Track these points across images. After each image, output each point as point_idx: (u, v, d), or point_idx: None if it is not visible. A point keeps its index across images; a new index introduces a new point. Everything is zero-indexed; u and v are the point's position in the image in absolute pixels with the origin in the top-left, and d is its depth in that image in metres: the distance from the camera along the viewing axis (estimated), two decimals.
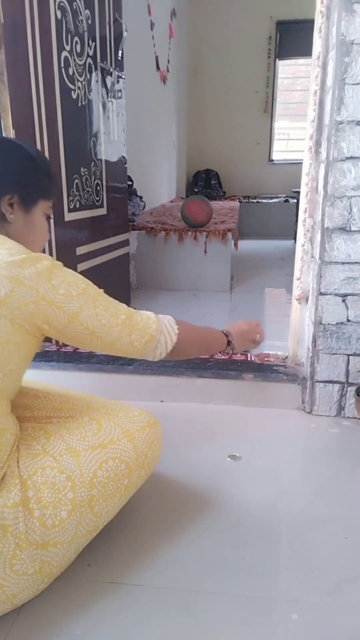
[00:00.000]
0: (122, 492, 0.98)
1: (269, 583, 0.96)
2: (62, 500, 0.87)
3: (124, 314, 0.94)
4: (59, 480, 0.88)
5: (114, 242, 2.44)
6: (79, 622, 0.87)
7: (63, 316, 0.87)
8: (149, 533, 1.09)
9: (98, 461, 0.94)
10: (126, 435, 1.01)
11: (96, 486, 0.92)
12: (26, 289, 0.82)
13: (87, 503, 0.90)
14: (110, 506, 0.96)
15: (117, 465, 0.96)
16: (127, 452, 0.99)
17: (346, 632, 0.85)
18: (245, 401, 1.65)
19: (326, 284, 1.47)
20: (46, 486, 0.86)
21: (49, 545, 0.85)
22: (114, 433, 0.99)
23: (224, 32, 6.22)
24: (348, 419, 1.57)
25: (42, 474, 0.87)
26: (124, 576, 0.97)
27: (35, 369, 1.67)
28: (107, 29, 2.18)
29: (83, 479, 0.90)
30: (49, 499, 0.85)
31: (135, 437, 1.02)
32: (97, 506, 0.92)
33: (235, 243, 3.23)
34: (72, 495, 0.88)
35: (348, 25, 1.30)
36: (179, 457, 1.36)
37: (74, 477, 0.89)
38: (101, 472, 0.93)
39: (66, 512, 0.87)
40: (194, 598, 0.92)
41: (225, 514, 1.14)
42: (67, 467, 0.90)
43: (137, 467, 1.01)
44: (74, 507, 0.88)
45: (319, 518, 1.13)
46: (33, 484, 0.86)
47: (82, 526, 0.90)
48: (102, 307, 0.92)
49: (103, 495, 0.93)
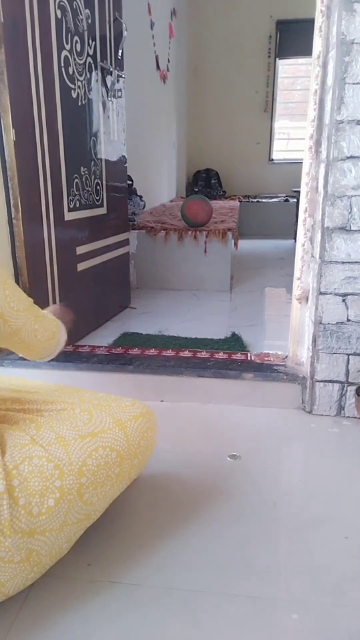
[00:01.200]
0: (113, 480, 0.98)
1: (269, 583, 0.96)
2: (49, 489, 0.87)
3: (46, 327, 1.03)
4: (46, 469, 0.88)
5: (114, 241, 2.44)
6: (79, 621, 0.87)
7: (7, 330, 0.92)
8: (148, 533, 1.09)
9: (88, 450, 0.94)
10: (118, 424, 1.01)
11: (85, 474, 0.92)
12: None
13: (76, 491, 0.90)
14: (101, 494, 0.96)
15: (108, 453, 0.97)
16: (119, 441, 0.99)
17: (346, 632, 0.85)
18: (245, 401, 1.65)
19: (326, 283, 1.47)
20: (33, 475, 0.87)
21: (35, 533, 0.85)
22: (105, 422, 1.00)
23: (224, 32, 6.21)
24: (348, 418, 1.57)
25: (30, 463, 0.88)
26: (124, 575, 0.97)
27: (35, 368, 1.67)
28: (107, 28, 2.17)
29: (72, 467, 0.91)
30: (35, 487, 0.86)
31: (127, 426, 1.02)
32: (87, 494, 0.92)
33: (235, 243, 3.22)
34: (60, 483, 0.88)
35: (348, 24, 1.30)
36: (179, 457, 1.36)
37: (62, 465, 0.90)
38: (91, 461, 0.93)
39: (53, 500, 0.87)
40: (194, 598, 0.92)
41: (225, 514, 1.14)
42: (56, 455, 0.91)
43: (129, 456, 1.01)
44: (62, 495, 0.88)
45: (319, 518, 1.13)
46: (19, 473, 0.86)
47: (71, 514, 0.90)
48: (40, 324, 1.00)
49: (93, 484, 0.93)
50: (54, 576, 0.95)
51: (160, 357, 1.75)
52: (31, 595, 0.91)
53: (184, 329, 2.26)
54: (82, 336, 2.15)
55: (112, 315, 2.51)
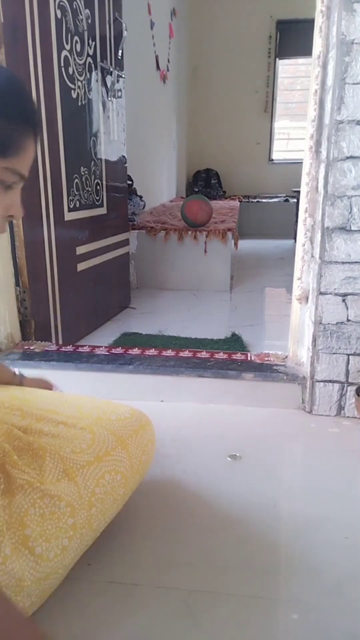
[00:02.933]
0: (118, 502, 0.97)
1: (269, 583, 0.96)
2: (62, 529, 0.83)
3: None
4: (58, 509, 0.83)
5: (114, 241, 2.44)
6: (79, 622, 0.87)
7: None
8: (148, 533, 1.09)
9: (95, 477, 0.91)
10: (120, 443, 0.99)
11: (95, 504, 0.89)
12: None
13: (87, 523, 0.88)
14: (107, 518, 0.94)
15: (113, 477, 0.94)
16: (122, 462, 0.97)
17: (346, 632, 0.85)
18: (245, 401, 1.65)
19: (326, 283, 1.47)
20: (44, 518, 0.81)
21: (51, 575, 0.82)
22: (108, 442, 0.97)
23: (224, 32, 6.22)
24: (348, 418, 1.57)
25: (40, 505, 0.82)
26: (124, 576, 0.97)
27: (35, 368, 1.67)
28: (107, 28, 2.18)
29: (82, 500, 0.87)
30: (49, 531, 0.81)
31: (128, 444, 1.00)
32: (96, 522, 0.90)
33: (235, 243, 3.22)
34: (73, 521, 0.85)
35: (348, 24, 1.30)
36: (179, 457, 1.36)
37: (73, 502, 0.86)
38: (99, 489, 0.91)
39: (67, 539, 0.83)
40: (194, 598, 0.92)
41: (225, 514, 1.14)
42: (66, 492, 0.86)
43: (132, 474, 1.00)
44: (75, 532, 0.85)
45: (319, 518, 1.13)
46: (30, 520, 0.80)
47: (82, 545, 0.89)
48: None
49: (101, 511, 0.91)
50: None
51: (160, 357, 1.75)
52: None
53: (184, 329, 2.26)
54: (82, 336, 2.15)
55: (112, 315, 2.51)
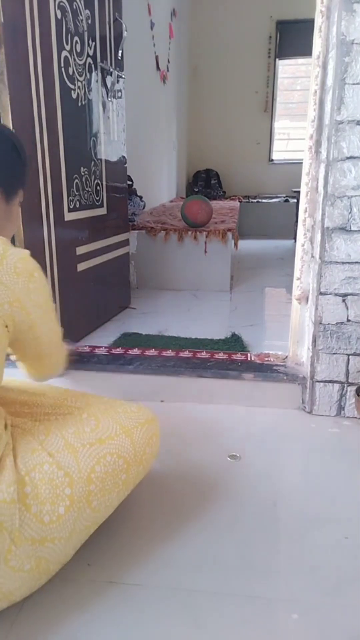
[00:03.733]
0: (120, 487, 0.98)
1: (269, 583, 0.96)
2: (59, 496, 0.87)
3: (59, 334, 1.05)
4: (56, 477, 0.88)
5: (114, 241, 2.44)
6: (79, 622, 0.87)
7: (27, 322, 0.90)
8: (149, 533, 1.09)
9: (96, 457, 0.94)
10: (124, 432, 1.01)
11: (94, 481, 0.92)
12: (3, 289, 0.84)
13: (85, 498, 0.90)
14: (108, 501, 0.96)
15: (115, 460, 0.97)
16: (125, 448, 1.00)
17: (346, 632, 0.85)
18: (245, 401, 1.65)
19: (326, 283, 1.47)
20: (44, 482, 0.86)
21: (46, 541, 0.84)
22: (112, 429, 1.00)
23: (224, 32, 6.22)
24: (348, 418, 1.57)
25: (40, 470, 0.87)
26: (124, 576, 0.97)
27: None
28: (107, 28, 2.18)
29: (81, 474, 0.91)
30: (46, 495, 0.86)
31: (133, 433, 1.03)
32: (95, 501, 0.92)
33: (235, 243, 3.22)
34: (70, 491, 0.88)
35: (348, 24, 1.30)
36: (179, 457, 1.36)
37: (72, 473, 0.90)
38: (99, 468, 0.93)
39: (64, 508, 0.87)
40: (194, 598, 0.92)
41: (225, 514, 1.14)
42: (65, 463, 0.90)
43: (135, 463, 1.01)
44: (72, 503, 0.88)
45: (319, 518, 1.13)
46: (31, 480, 0.86)
47: (80, 522, 0.90)
48: (52, 324, 1.00)
49: (101, 491, 0.93)
50: (54, 576, 0.95)
51: (160, 357, 1.75)
52: (31, 596, 0.91)
53: (184, 329, 2.26)
54: (82, 336, 2.15)
55: (112, 316, 2.51)
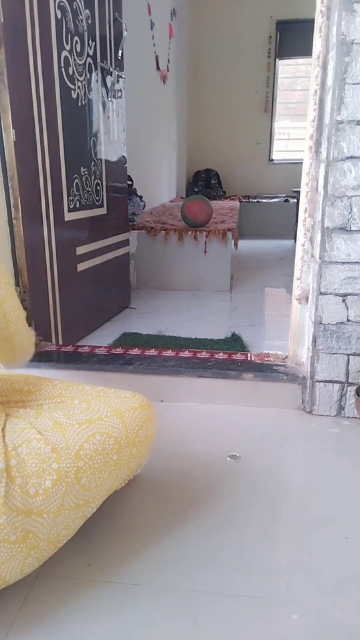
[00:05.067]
0: (111, 467, 0.99)
1: (269, 583, 0.96)
2: (46, 470, 0.88)
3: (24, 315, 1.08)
4: (44, 452, 0.90)
5: (114, 241, 2.44)
6: (79, 622, 0.87)
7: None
8: (149, 533, 1.09)
9: (85, 435, 0.96)
10: (115, 413, 1.03)
11: (82, 458, 0.93)
12: None
13: (74, 474, 0.91)
14: (99, 480, 0.96)
15: (105, 439, 0.98)
16: (116, 428, 1.01)
17: (346, 632, 0.85)
18: (245, 401, 1.65)
19: (326, 283, 1.47)
20: (31, 457, 0.88)
21: (32, 514, 0.85)
22: (102, 411, 1.02)
23: (224, 32, 6.22)
24: (348, 418, 1.57)
25: (28, 446, 0.89)
26: (124, 576, 0.97)
27: (35, 368, 1.67)
28: (107, 28, 2.18)
29: (69, 450, 0.92)
30: (32, 468, 0.87)
31: (125, 415, 1.04)
32: (85, 478, 0.93)
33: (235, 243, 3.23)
34: (57, 466, 0.89)
35: (348, 24, 1.30)
36: (179, 457, 1.36)
37: (59, 448, 0.91)
38: (88, 445, 0.95)
39: (51, 482, 0.88)
40: (194, 598, 0.92)
41: (225, 514, 1.14)
42: (53, 439, 0.92)
43: (127, 444, 1.02)
44: (59, 477, 0.89)
45: (319, 518, 1.13)
46: (17, 454, 0.88)
47: (69, 498, 0.90)
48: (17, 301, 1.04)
49: (90, 468, 0.94)
50: (54, 576, 0.95)
51: (160, 357, 1.75)
52: (31, 595, 0.91)
53: (184, 329, 2.26)
54: (82, 336, 2.15)
55: (112, 316, 2.51)
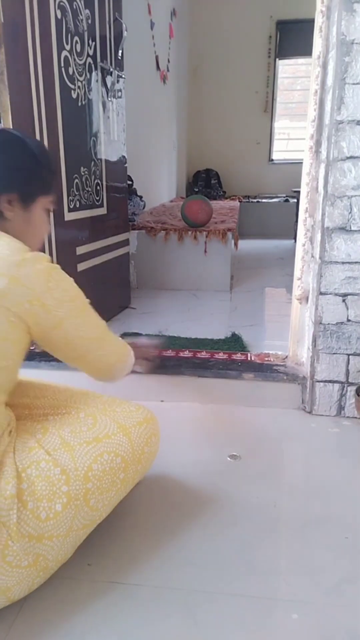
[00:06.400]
0: (118, 486, 0.98)
1: (269, 583, 0.96)
2: (56, 493, 0.87)
3: (100, 328, 1.01)
4: (53, 474, 0.88)
5: (114, 241, 2.44)
6: (79, 622, 0.87)
7: (50, 320, 0.89)
8: (149, 533, 1.09)
9: (93, 455, 0.94)
10: (122, 430, 1.01)
11: (91, 479, 0.92)
12: (23, 289, 0.84)
13: (83, 496, 0.90)
14: (106, 499, 0.96)
15: (113, 459, 0.96)
16: (123, 446, 0.99)
17: (346, 632, 0.85)
18: (245, 401, 1.65)
19: (326, 283, 1.47)
20: (40, 479, 0.87)
21: (43, 538, 0.85)
22: (109, 427, 1.00)
23: (224, 32, 6.21)
24: (348, 418, 1.57)
25: (37, 467, 0.88)
26: (124, 576, 0.97)
27: (35, 368, 1.67)
28: (107, 28, 2.17)
29: (77, 472, 0.91)
30: (43, 491, 0.86)
31: (131, 432, 1.02)
32: (93, 499, 0.92)
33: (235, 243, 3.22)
34: (67, 489, 0.88)
35: (348, 24, 1.30)
36: (179, 457, 1.36)
37: (68, 470, 0.90)
38: (96, 466, 0.93)
39: (61, 505, 0.87)
40: (194, 598, 0.92)
41: (225, 514, 1.14)
42: (62, 460, 0.90)
43: (133, 461, 1.01)
44: (69, 500, 0.88)
45: (319, 518, 1.13)
46: (27, 477, 0.86)
47: (78, 519, 0.90)
48: (84, 319, 0.97)
49: (99, 489, 0.93)
50: (55, 576, 0.95)
51: (160, 357, 1.75)
52: (31, 596, 0.91)
53: (184, 329, 2.25)
54: None
55: (112, 316, 2.51)
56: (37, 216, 0.98)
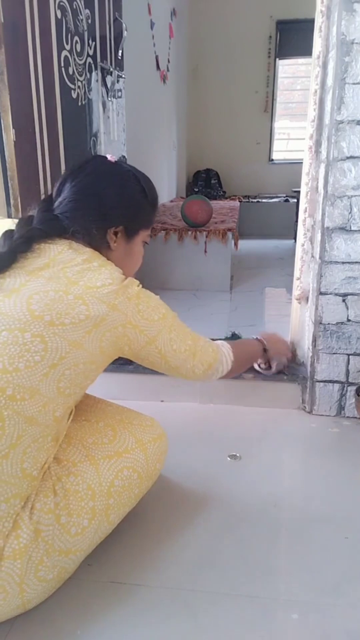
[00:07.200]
0: (132, 501, 0.99)
1: (269, 583, 0.96)
2: (84, 508, 0.87)
3: (190, 339, 1.00)
4: (81, 488, 0.88)
5: None
6: (79, 621, 0.87)
7: (143, 339, 0.91)
8: (149, 533, 1.09)
9: (114, 470, 0.94)
10: (139, 445, 1.02)
11: (113, 495, 0.93)
12: (118, 314, 0.86)
13: (104, 511, 0.91)
14: (122, 514, 0.97)
15: (131, 474, 0.97)
16: (140, 462, 1.00)
17: (346, 632, 0.85)
18: (245, 401, 1.65)
19: (326, 283, 1.47)
20: (70, 493, 0.87)
21: (70, 553, 0.85)
22: (127, 442, 1.00)
23: (224, 32, 6.21)
24: (348, 418, 1.57)
25: (67, 481, 0.88)
26: (125, 576, 0.97)
27: None
28: (107, 28, 2.18)
29: (102, 487, 0.91)
30: (73, 506, 0.86)
31: (147, 448, 1.03)
32: (112, 515, 0.93)
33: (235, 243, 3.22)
34: (92, 504, 0.89)
35: (348, 24, 1.30)
36: (179, 457, 1.36)
37: (93, 485, 0.90)
38: (118, 482, 0.94)
39: (87, 520, 0.88)
40: (194, 598, 0.92)
41: (225, 514, 1.14)
42: (87, 475, 0.91)
43: (147, 477, 1.02)
44: (94, 516, 0.89)
45: (319, 518, 1.13)
46: (61, 490, 0.86)
47: (98, 535, 0.91)
48: (175, 333, 0.97)
49: (118, 504, 0.94)
50: None
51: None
52: None
53: None
54: None
55: None
56: (137, 248, 1.02)
